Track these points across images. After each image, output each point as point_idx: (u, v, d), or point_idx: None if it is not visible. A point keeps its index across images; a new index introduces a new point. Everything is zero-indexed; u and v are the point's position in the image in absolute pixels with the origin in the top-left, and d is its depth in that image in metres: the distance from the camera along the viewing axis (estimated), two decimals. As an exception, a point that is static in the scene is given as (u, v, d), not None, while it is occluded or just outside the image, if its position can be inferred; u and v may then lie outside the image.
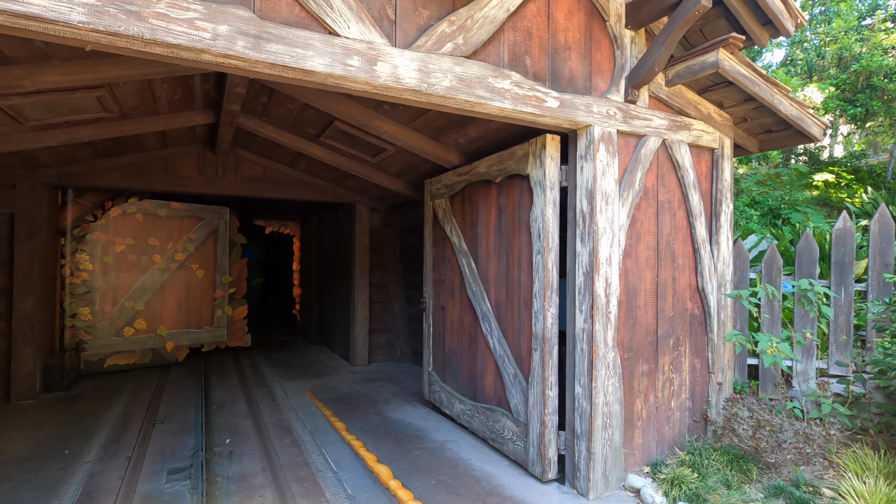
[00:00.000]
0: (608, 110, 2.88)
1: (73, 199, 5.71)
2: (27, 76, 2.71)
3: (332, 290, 7.64)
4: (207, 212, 6.63)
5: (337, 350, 7.38)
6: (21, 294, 4.86)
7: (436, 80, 2.32)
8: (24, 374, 4.87)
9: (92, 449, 3.70)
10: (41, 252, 5.00)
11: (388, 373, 6.28)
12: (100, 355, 5.93)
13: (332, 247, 7.74)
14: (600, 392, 2.80)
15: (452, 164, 4.23)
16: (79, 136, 3.99)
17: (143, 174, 5.37)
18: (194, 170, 5.61)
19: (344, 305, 7.05)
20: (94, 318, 5.88)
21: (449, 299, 4.28)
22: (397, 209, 6.56)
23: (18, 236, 4.86)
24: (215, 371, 6.25)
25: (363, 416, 4.51)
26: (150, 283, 6.22)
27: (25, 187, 4.89)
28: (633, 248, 3.02)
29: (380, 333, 6.94)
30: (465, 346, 4.01)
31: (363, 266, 6.66)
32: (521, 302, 3.27)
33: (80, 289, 5.80)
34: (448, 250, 4.29)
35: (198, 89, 3.78)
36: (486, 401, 3.67)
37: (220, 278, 6.72)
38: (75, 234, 5.76)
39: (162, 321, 6.31)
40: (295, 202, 7.98)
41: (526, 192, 3.25)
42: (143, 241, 6.20)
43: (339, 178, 5.98)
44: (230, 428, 4.20)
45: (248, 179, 5.88)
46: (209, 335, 6.61)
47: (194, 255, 6.55)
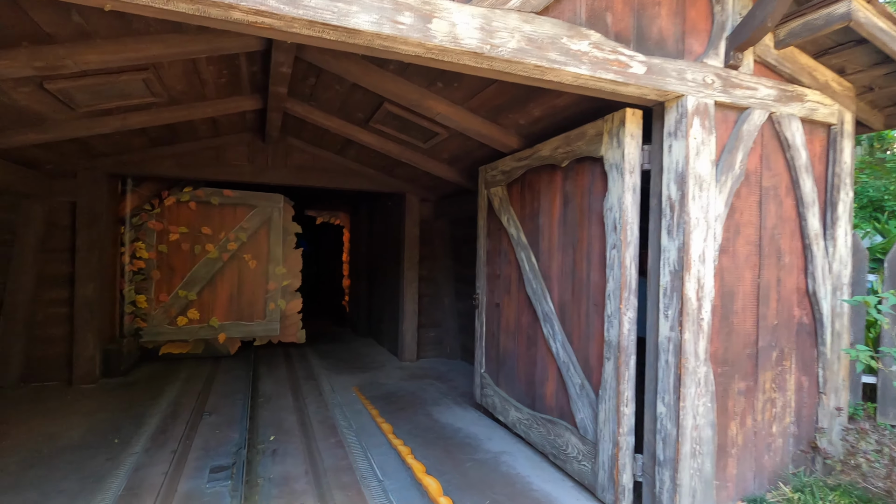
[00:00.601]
0: (704, 77, 2.40)
1: (132, 188, 5.80)
2: (69, 55, 2.59)
3: (381, 282, 7.46)
4: (260, 199, 6.59)
5: (385, 344, 7.20)
6: (82, 280, 4.97)
7: (500, 40, 1.95)
8: (86, 358, 4.98)
9: (140, 439, 3.66)
10: (101, 240, 5.08)
11: (436, 370, 6.01)
12: (155, 343, 6.04)
13: (381, 238, 7.56)
14: (689, 413, 2.35)
15: (510, 149, 3.85)
16: (130, 122, 3.94)
17: (195, 163, 5.36)
18: (244, 158, 5.55)
19: (392, 299, 6.84)
20: (150, 306, 5.98)
21: (505, 296, 3.91)
22: (448, 199, 6.25)
23: (79, 224, 4.96)
24: (265, 362, 6.22)
25: (411, 417, 4.25)
26: (203, 272, 6.26)
27: (86, 176, 4.98)
28: (731, 243, 2.53)
29: (428, 328, 6.68)
30: (522, 348, 3.64)
31: (412, 258, 6.40)
32: (591, 303, 2.86)
33: (138, 276, 5.91)
34: (504, 243, 3.92)
35: (244, 71, 3.61)
36: (547, 411, 3.29)
37: (273, 269, 6.69)
38: (134, 222, 5.87)
39: (214, 312, 6.35)
40: (344, 192, 7.85)
41: (598, 176, 2.83)
42: (196, 230, 6.25)
43: (389, 166, 5.73)
44: (275, 423, 4.06)
45: (298, 168, 5.76)
46: (261, 329, 6.60)
47: (247, 244, 6.54)
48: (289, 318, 6.93)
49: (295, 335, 6.99)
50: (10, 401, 4.44)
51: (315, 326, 8.98)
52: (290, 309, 6.91)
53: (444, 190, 6.13)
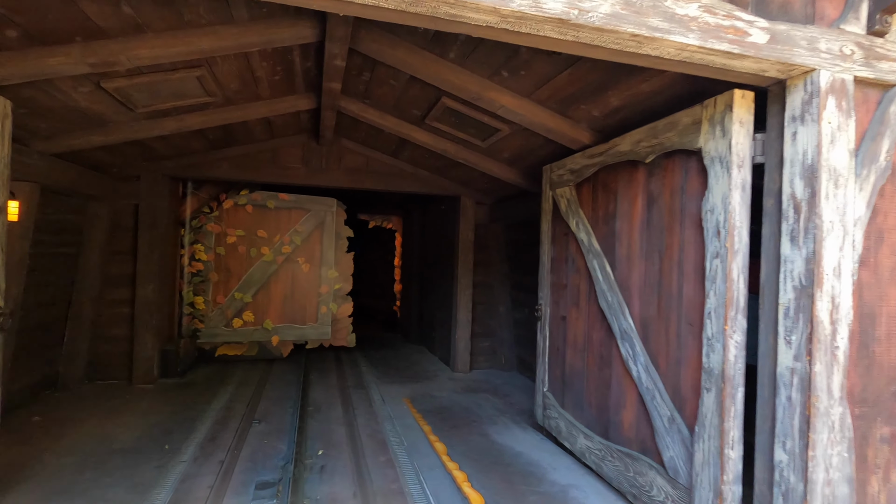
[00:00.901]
0: (842, 47, 1.93)
1: (192, 191, 5.89)
2: (121, 51, 2.50)
3: (433, 288, 7.22)
4: (314, 203, 6.54)
5: (437, 352, 6.94)
6: (142, 281, 5.04)
7: (591, 3, 1.61)
8: (144, 358, 5.05)
9: (190, 446, 3.57)
10: (161, 241, 5.15)
11: (491, 383, 5.66)
12: (211, 344, 6.10)
13: (433, 242, 7.32)
14: (820, 464, 1.89)
15: (581, 145, 3.46)
16: (187, 123, 3.90)
17: (251, 165, 5.34)
18: (299, 160, 5.47)
19: (445, 306, 6.57)
20: (207, 308, 6.04)
21: (572, 308, 3.52)
22: (505, 202, 5.90)
23: (141, 226, 5.05)
24: (316, 367, 6.12)
25: (466, 436, 3.93)
26: (258, 275, 6.27)
27: (148, 178, 5.06)
28: (872, 253, 2.04)
29: (482, 338, 6.35)
30: (592, 367, 3.23)
31: (466, 264, 6.11)
32: (684, 321, 2.43)
33: (196, 278, 5.98)
34: (572, 249, 3.54)
35: (298, 68, 3.46)
36: (624, 443, 2.87)
37: (325, 273, 6.61)
38: (193, 224, 5.95)
39: (268, 314, 6.33)
40: (397, 195, 7.68)
41: (694, 172, 2.40)
42: (252, 233, 6.27)
43: (444, 167, 5.47)
44: (324, 436, 3.87)
45: (351, 170, 5.62)
46: (313, 332, 6.52)
47: (300, 247, 6.50)
48: (340, 321, 6.83)
49: (345, 339, 6.88)
50: (74, 398, 4.54)
51: (365, 331, 8.87)
52: (341, 312, 6.81)
53: (501, 192, 5.79)
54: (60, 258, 4.52)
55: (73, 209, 4.57)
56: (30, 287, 4.09)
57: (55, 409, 4.22)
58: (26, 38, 2.33)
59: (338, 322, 6.79)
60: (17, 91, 2.76)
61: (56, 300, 4.58)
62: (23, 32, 2.27)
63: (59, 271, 4.55)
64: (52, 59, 2.42)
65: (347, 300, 6.84)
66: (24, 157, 3.43)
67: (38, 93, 2.87)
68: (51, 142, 3.58)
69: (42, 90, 2.83)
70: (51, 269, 4.40)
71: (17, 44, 2.33)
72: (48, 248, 4.30)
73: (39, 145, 3.55)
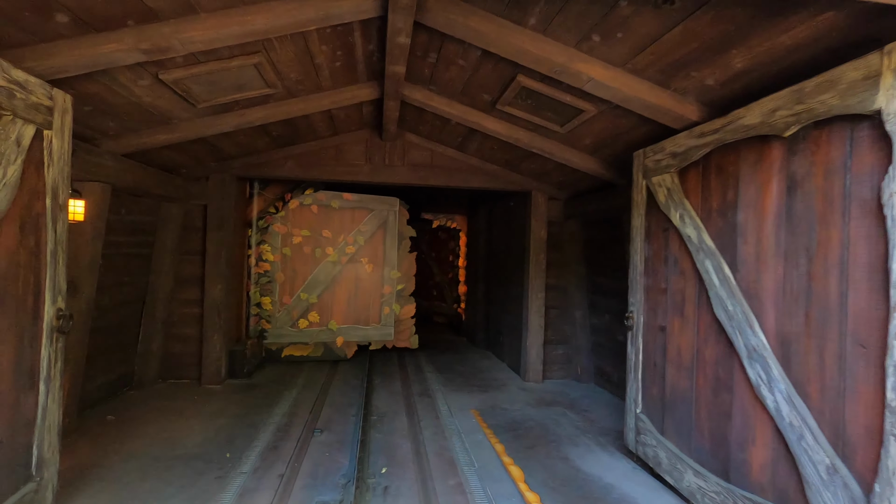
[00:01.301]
0: None
1: (258, 191, 5.88)
2: (173, 34, 2.32)
3: (501, 290, 6.79)
4: (377, 203, 6.34)
5: (505, 359, 6.50)
6: (210, 282, 5.04)
7: None
8: (212, 359, 5.05)
9: (251, 455, 3.40)
10: (228, 242, 5.13)
11: (567, 395, 5.14)
12: (278, 345, 6.06)
13: (501, 242, 6.89)
14: None
15: (686, 123, 2.90)
16: (249, 118, 3.76)
17: (315, 163, 5.20)
18: (362, 157, 5.27)
19: (514, 310, 6.12)
20: (274, 308, 6.00)
21: (674, 318, 2.97)
22: (582, 197, 5.35)
23: (209, 226, 5.05)
24: (379, 370, 5.90)
25: (545, 460, 3.48)
26: (323, 275, 6.16)
27: (216, 179, 5.06)
28: None
29: (556, 345, 5.83)
30: (704, 390, 2.67)
31: (538, 265, 5.62)
32: (850, 341, 1.84)
33: (263, 279, 5.97)
34: (674, 247, 2.98)
35: (359, 52, 3.18)
36: (754, 489, 2.30)
37: (388, 273, 6.39)
38: (260, 225, 5.94)
39: (333, 315, 6.21)
40: (462, 192, 7.33)
41: (865, 144, 1.82)
42: (317, 233, 6.17)
43: (514, 160, 5.04)
44: (388, 450, 3.58)
45: (416, 166, 5.34)
46: (376, 333, 6.33)
47: (364, 248, 6.32)
48: (402, 322, 6.58)
49: (408, 340, 6.62)
50: (146, 397, 4.59)
51: (429, 333, 8.61)
52: (403, 314, 6.56)
53: (578, 186, 5.25)
54: (135, 259, 4.59)
55: (146, 210, 4.63)
56: (105, 287, 4.15)
57: (128, 408, 4.26)
58: (77, 25, 2.19)
59: (400, 323, 6.55)
60: (79, 86, 2.69)
61: (131, 300, 4.66)
62: (73, 18, 2.13)
63: (134, 271, 4.62)
64: (105, 46, 2.28)
65: (410, 301, 6.58)
66: (93, 157, 3.42)
67: (100, 88, 2.78)
68: (119, 141, 3.56)
69: (103, 84, 2.74)
70: (126, 270, 4.47)
71: (69, 31, 2.21)
72: (123, 249, 4.37)
73: (109, 145, 3.54)
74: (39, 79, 2.28)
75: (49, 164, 2.38)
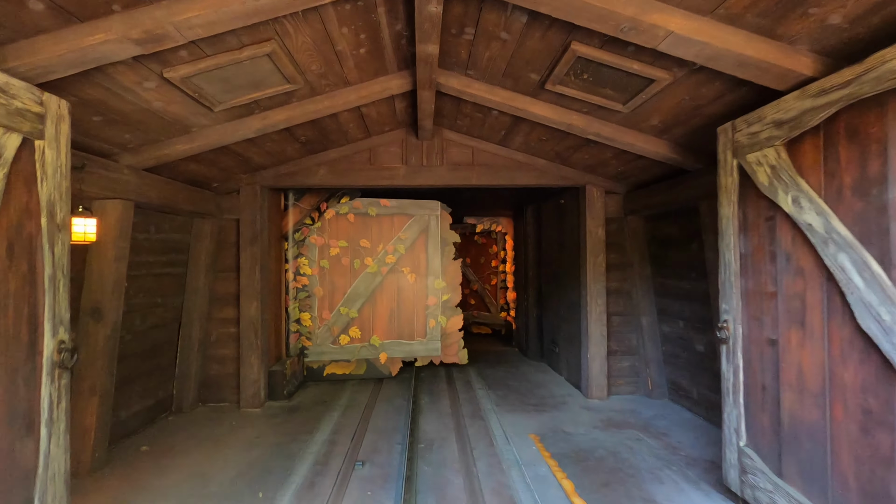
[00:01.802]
0: None
1: (293, 202, 5.62)
2: (167, 17, 1.99)
3: (554, 296, 6.21)
4: (417, 208, 5.94)
5: (562, 371, 5.91)
6: (246, 299, 4.79)
7: None
8: (250, 381, 4.78)
9: (286, 495, 3.03)
10: (263, 256, 4.88)
11: (638, 414, 4.50)
12: (319, 363, 5.76)
13: (553, 243, 6.32)
14: None
15: (794, 81, 2.29)
16: (273, 121, 3.45)
17: (349, 169, 4.87)
18: (398, 159, 4.89)
19: (571, 317, 5.53)
20: (314, 324, 5.71)
21: (791, 329, 2.34)
22: (644, 189, 4.72)
23: (242, 242, 4.81)
24: (426, 388, 5.46)
25: (624, 502, 2.90)
26: (363, 288, 5.81)
27: (248, 192, 4.82)
28: None
29: (620, 356, 5.19)
30: (844, 424, 2.04)
31: (597, 267, 5.02)
32: None
33: (302, 294, 5.69)
34: (785, 240, 2.36)
35: (385, 33, 2.78)
36: (940, 568, 1.66)
37: (431, 283, 5.97)
38: (296, 238, 5.68)
39: (375, 330, 5.84)
40: (506, 192, 6.81)
41: None
42: (355, 244, 5.84)
43: (565, 151, 4.50)
44: (437, 488, 3.11)
45: (456, 166, 4.90)
46: (422, 348, 5.90)
47: (405, 256, 5.93)
48: (450, 336, 6.13)
49: (456, 355, 6.15)
50: (185, 423, 4.36)
51: (474, 344, 8.11)
52: (450, 326, 6.10)
53: (641, 176, 4.63)
54: (168, 278, 4.40)
55: (177, 228, 4.44)
56: (136, 310, 3.95)
57: (165, 436, 4.03)
58: (56, 13, 1.90)
59: (447, 337, 6.10)
60: (78, 91, 2.43)
61: (166, 321, 4.46)
62: (49, 5, 1.83)
63: (168, 292, 4.43)
64: (91, 37, 1.98)
65: (457, 312, 6.12)
66: (112, 173, 3.19)
67: (102, 93, 2.52)
68: (139, 155, 3.33)
69: (104, 88, 2.47)
70: (158, 290, 4.27)
71: (49, 21, 1.92)
72: (154, 269, 4.17)
73: (128, 159, 3.32)
74: (26, 82, 2.01)
75: (42, 179, 2.10)
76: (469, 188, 5.25)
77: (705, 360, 4.27)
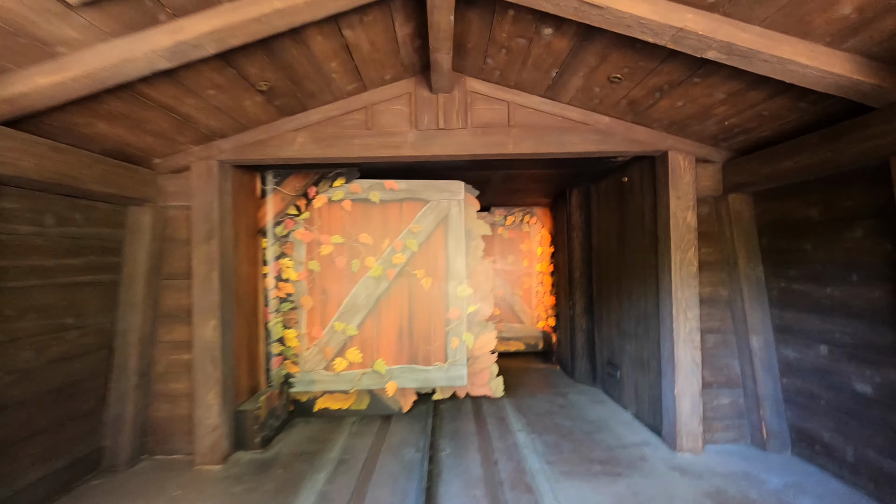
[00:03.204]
0: None
1: (273, 186, 4.33)
2: None
3: (612, 305, 4.77)
4: (433, 191, 4.58)
5: (627, 404, 4.47)
6: (200, 317, 3.51)
7: None
8: (208, 427, 3.50)
9: None
10: (222, 258, 3.59)
11: (759, 482, 3.05)
12: (309, 394, 4.45)
13: (608, 236, 4.89)
14: None
15: None
16: (191, 34, 2.12)
17: (338, 136, 3.54)
18: (405, 121, 3.55)
19: (641, 334, 4.09)
20: (301, 345, 4.41)
21: None
22: (759, 152, 3.25)
23: (195, 237, 3.53)
24: (447, 432, 4.08)
25: None
26: (364, 297, 4.48)
27: (200, 169, 3.53)
28: None
29: (717, 390, 3.73)
30: None
31: (686, 266, 3.57)
32: None
33: (285, 305, 4.40)
34: None
35: None
36: None
37: (454, 289, 4.60)
38: (277, 233, 4.38)
39: (379, 352, 4.51)
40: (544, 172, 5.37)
41: None
42: (353, 239, 4.52)
43: (644, 100, 3.08)
44: None
45: (484, 129, 3.53)
46: (441, 376, 4.54)
47: (418, 255, 4.58)
48: (478, 360, 4.74)
49: (487, 385, 4.77)
50: (114, 488, 3.10)
51: (506, 361, 6.70)
52: (479, 347, 4.72)
53: (757, 131, 3.16)
54: (88, 289, 3.15)
55: (101, 219, 3.19)
56: (24, 336, 2.70)
57: (69, 521, 2.78)
58: None
59: (475, 361, 4.71)
60: None
61: (87, 349, 3.21)
62: None
63: (89, 308, 3.18)
64: None
65: (487, 328, 4.73)
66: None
67: None
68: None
69: None
70: (71, 307, 3.02)
71: None
72: (59, 277, 2.92)
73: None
74: None
75: None
76: (502, 161, 3.86)
77: (873, 408, 2.79)
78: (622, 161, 4.22)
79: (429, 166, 4.29)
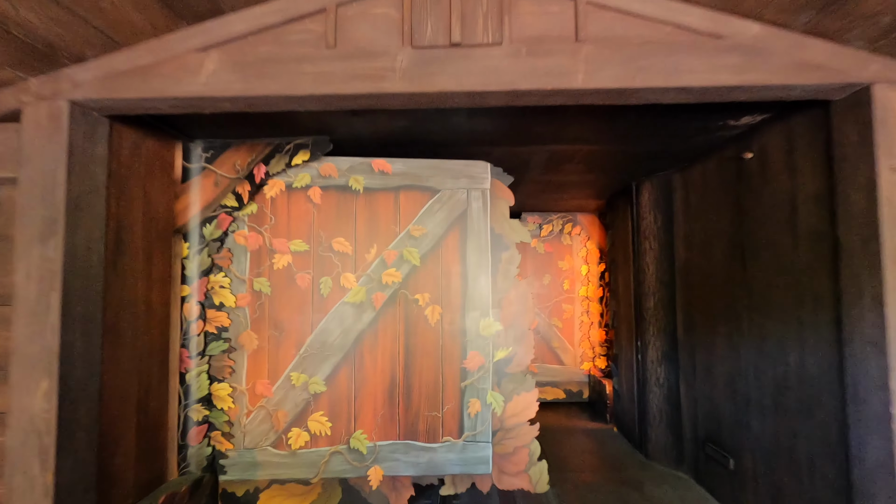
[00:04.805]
0: None
1: (202, 163, 2.84)
2: None
3: (721, 350, 3.07)
4: (444, 175, 3.03)
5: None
6: (21, 373, 1.98)
7: None
8: (27, 579, 1.92)
9: None
10: (75, 271, 2.08)
11: None
12: (249, 485, 2.85)
13: (711, 246, 3.22)
14: None
15: None
16: None
17: (275, 60, 2.03)
18: (392, 32, 2.03)
19: (789, 406, 2.39)
20: (238, 408, 2.84)
21: None
22: None
23: (20, 235, 2.02)
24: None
25: None
26: (337, 334, 2.91)
27: (38, 116, 2.04)
28: None
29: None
30: None
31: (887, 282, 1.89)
32: None
33: (215, 345, 2.85)
34: None
35: None
36: None
37: (474, 325, 2.99)
38: (206, 234, 2.87)
39: (359, 420, 2.91)
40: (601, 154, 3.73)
41: None
42: (322, 246, 2.97)
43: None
44: None
45: (534, 44, 1.98)
46: (454, 458, 2.90)
47: (421, 272, 3.00)
48: (511, 433, 3.07)
49: (524, 474, 3.07)
50: None
51: (540, 416, 5.02)
52: (512, 414, 3.05)
53: None
54: None
55: None
56: None
57: None
58: None
59: (507, 435, 3.04)
60: None
61: None
62: None
63: None
64: None
65: (526, 384, 3.06)
66: None
67: None
68: None
69: None
70: None
71: None
72: None
73: None
74: None
75: None
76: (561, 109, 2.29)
77: None
78: (742, 127, 2.61)
79: (433, 129, 2.74)
